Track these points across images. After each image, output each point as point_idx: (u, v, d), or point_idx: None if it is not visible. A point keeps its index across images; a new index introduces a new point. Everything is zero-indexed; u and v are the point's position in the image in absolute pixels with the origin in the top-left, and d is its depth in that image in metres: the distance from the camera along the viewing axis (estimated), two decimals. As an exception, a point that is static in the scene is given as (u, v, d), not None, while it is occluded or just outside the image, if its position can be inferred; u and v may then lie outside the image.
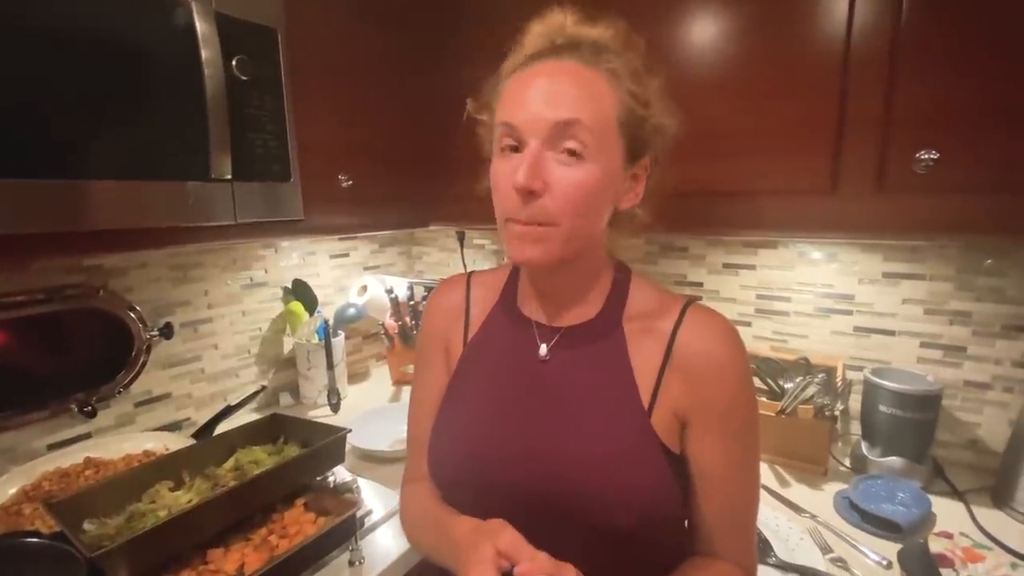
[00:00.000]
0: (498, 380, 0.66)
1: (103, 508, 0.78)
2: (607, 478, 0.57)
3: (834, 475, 1.10)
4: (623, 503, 0.56)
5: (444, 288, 0.76)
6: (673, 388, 0.60)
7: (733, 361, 0.60)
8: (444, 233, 1.84)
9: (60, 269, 1.06)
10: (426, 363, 0.75)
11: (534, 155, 0.54)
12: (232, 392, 1.36)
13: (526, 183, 0.53)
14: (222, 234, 0.93)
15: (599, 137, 0.55)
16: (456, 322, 0.73)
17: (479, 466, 0.62)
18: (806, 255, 1.24)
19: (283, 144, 0.98)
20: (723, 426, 0.60)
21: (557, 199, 0.55)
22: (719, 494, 0.61)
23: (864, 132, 0.84)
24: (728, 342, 0.60)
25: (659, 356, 0.60)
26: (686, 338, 0.60)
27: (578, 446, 0.59)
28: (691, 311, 0.62)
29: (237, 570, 0.73)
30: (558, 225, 0.55)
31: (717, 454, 0.60)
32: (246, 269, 1.39)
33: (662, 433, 0.59)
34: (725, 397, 0.59)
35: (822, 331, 1.24)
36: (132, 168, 0.79)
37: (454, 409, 0.68)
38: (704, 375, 0.59)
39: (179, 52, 0.82)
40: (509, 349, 0.67)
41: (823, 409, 1.08)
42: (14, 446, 1.03)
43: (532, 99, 0.55)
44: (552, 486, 0.58)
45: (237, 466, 0.91)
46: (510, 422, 0.63)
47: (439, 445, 0.67)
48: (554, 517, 0.58)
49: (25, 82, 0.68)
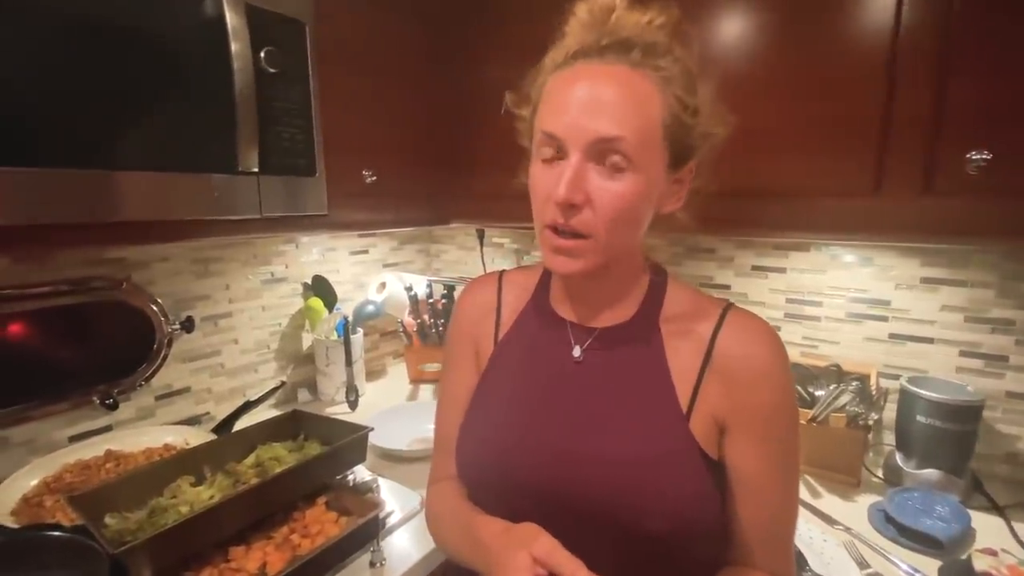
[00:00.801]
0: (529, 380, 0.65)
1: (124, 502, 0.78)
2: (644, 483, 0.55)
3: (866, 487, 1.06)
4: (660, 509, 0.55)
5: (475, 286, 0.75)
6: (712, 393, 0.58)
7: (775, 366, 0.58)
8: (463, 231, 1.82)
9: (84, 261, 1.06)
10: (455, 362, 0.73)
11: (575, 168, 0.52)
12: (251, 387, 1.35)
13: (567, 197, 0.52)
14: (247, 228, 0.92)
15: (643, 148, 0.53)
16: (487, 321, 0.71)
17: (509, 468, 0.61)
18: (839, 258, 1.20)
19: (309, 138, 0.97)
20: (764, 433, 0.58)
21: (598, 212, 0.53)
22: (757, 502, 0.59)
23: (911, 131, 0.81)
24: (770, 346, 0.58)
25: (698, 359, 0.59)
26: (727, 342, 0.58)
27: (613, 449, 0.57)
28: (732, 314, 0.60)
29: (259, 569, 0.72)
30: (597, 238, 0.54)
31: (756, 461, 0.58)
32: (266, 264, 1.38)
33: (700, 438, 0.57)
34: (766, 403, 0.57)
35: (854, 337, 1.20)
36: (159, 160, 0.79)
37: (484, 409, 0.67)
38: (745, 380, 0.57)
39: (209, 44, 0.81)
40: (541, 349, 0.66)
41: (857, 418, 1.04)
42: (36, 437, 1.03)
43: (575, 107, 0.53)
44: (585, 490, 0.57)
45: (258, 462, 0.90)
46: (542, 423, 0.61)
47: (468, 446, 0.66)
48: (586, 522, 0.56)
49: (54, 72, 0.67)
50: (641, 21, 0.55)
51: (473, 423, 0.67)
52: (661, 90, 0.54)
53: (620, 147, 0.52)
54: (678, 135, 0.55)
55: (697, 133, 0.57)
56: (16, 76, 0.64)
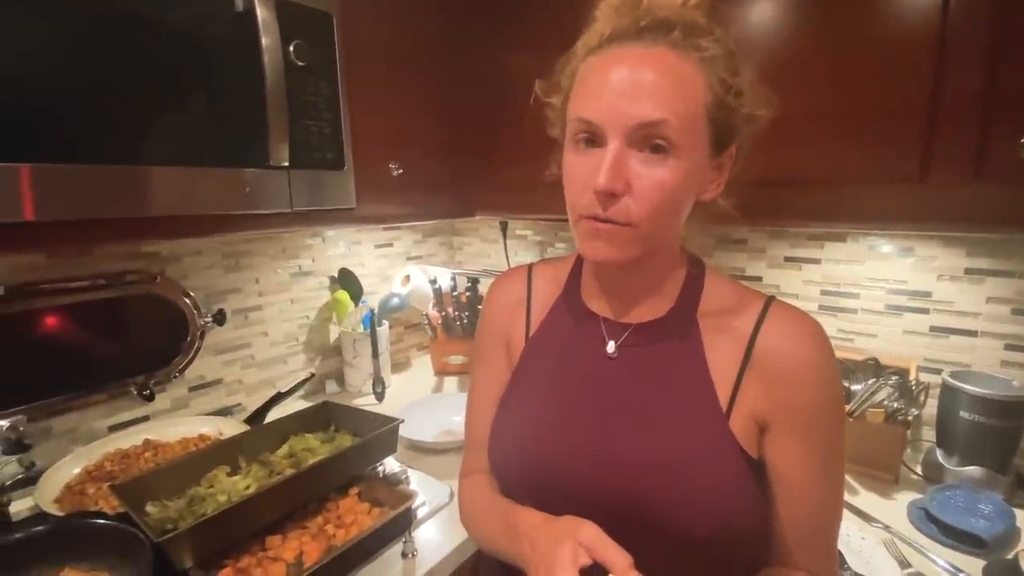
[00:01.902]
0: (562, 377, 0.63)
1: (164, 491, 0.80)
2: (684, 484, 0.54)
3: (905, 484, 1.03)
4: (700, 510, 0.53)
5: (504, 280, 0.74)
6: (753, 390, 0.56)
7: (820, 363, 0.55)
8: (485, 224, 1.82)
9: (120, 256, 1.08)
10: (485, 358, 0.72)
11: (615, 155, 0.50)
12: (281, 379, 1.37)
13: (608, 186, 0.50)
14: (278, 222, 0.93)
15: (686, 132, 0.51)
16: (517, 316, 0.70)
17: (543, 467, 0.60)
18: (877, 248, 1.16)
19: (337, 131, 0.97)
20: (806, 432, 0.55)
21: (640, 200, 0.51)
22: (799, 503, 0.57)
23: (960, 115, 0.77)
24: (815, 343, 0.56)
25: (738, 355, 0.56)
26: (769, 337, 0.56)
27: (651, 449, 0.56)
28: (774, 309, 0.58)
29: (296, 558, 0.73)
30: (638, 226, 0.52)
31: (798, 461, 0.56)
32: (294, 258, 1.40)
33: (741, 437, 0.55)
34: (810, 401, 0.55)
35: (893, 330, 1.16)
36: (192, 155, 0.80)
37: (516, 406, 0.66)
38: (788, 377, 0.55)
39: (239, 38, 0.81)
40: (573, 345, 0.64)
41: (896, 414, 1.01)
42: (77, 427, 1.06)
43: (613, 92, 0.50)
44: (622, 490, 0.55)
45: (291, 453, 0.91)
46: (576, 422, 0.60)
47: (501, 444, 0.65)
48: (623, 523, 0.54)
49: (88, 69, 0.68)
50: (677, 1, 0.53)
51: (506, 421, 0.66)
52: (703, 71, 0.51)
53: (663, 131, 0.49)
54: (721, 117, 0.53)
55: (741, 115, 0.54)
56: (52, 74, 0.65)
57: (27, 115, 0.64)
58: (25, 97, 0.64)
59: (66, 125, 0.67)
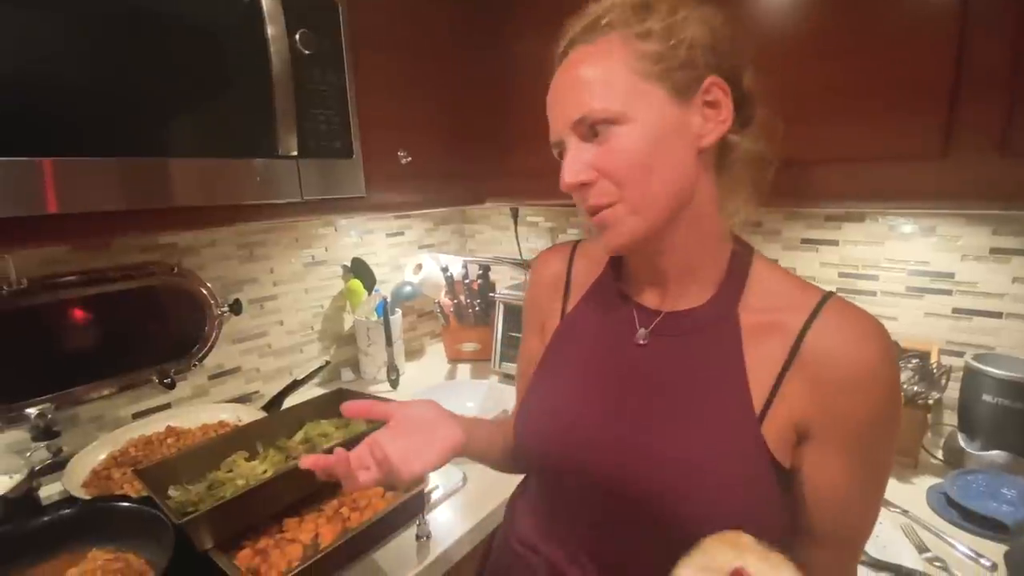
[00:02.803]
0: (591, 361, 0.62)
1: (185, 475, 0.82)
2: (702, 487, 0.51)
3: (924, 468, 1.01)
4: (718, 515, 0.50)
5: (546, 257, 0.73)
6: (795, 394, 0.50)
7: (878, 370, 0.49)
8: (496, 211, 1.81)
9: (139, 248, 1.10)
10: (526, 328, 0.75)
11: (572, 153, 0.54)
12: (297, 367, 1.40)
13: (571, 180, 0.53)
14: (289, 211, 0.94)
15: (620, 100, 0.50)
16: (555, 294, 0.69)
17: (563, 447, 0.59)
18: (897, 229, 1.13)
19: (345, 120, 0.97)
20: (855, 445, 0.50)
21: (611, 176, 0.52)
22: (835, 516, 0.53)
23: (985, 88, 0.74)
24: (876, 346, 0.49)
25: (781, 356, 0.51)
26: (820, 338, 0.50)
27: (672, 445, 0.53)
28: (830, 305, 0.51)
29: (312, 540, 0.75)
30: (625, 200, 0.52)
31: (842, 476, 0.51)
32: (307, 248, 1.41)
33: (773, 444, 0.50)
34: (863, 412, 0.49)
35: (914, 312, 1.13)
36: (203, 146, 0.80)
37: (544, 385, 0.65)
38: (839, 384, 0.49)
39: (245, 28, 0.81)
40: (605, 329, 0.62)
41: (916, 398, 0.99)
42: (103, 414, 1.09)
43: (552, 106, 0.56)
44: (638, 482, 0.53)
45: (307, 438, 0.93)
46: (599, 408, 0.58)
47: (526, 419, 0.65)
48: (636, 516, 0.54)
49: (102, 64, 0.69)
50: None
51: (533, 398, 0.65)
52: (616, 40, 0.52)
53: (594, 119, 0.51)
54: (660, 66, 0.50)
55: (682, 51, 0.50)
56: (67, 70, 0.66)
57: (47, 110, 0.65)
58: (44, 93, 0.65)
59: (83, 119, 0.68)
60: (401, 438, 0.59)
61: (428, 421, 0.62)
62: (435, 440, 0.60)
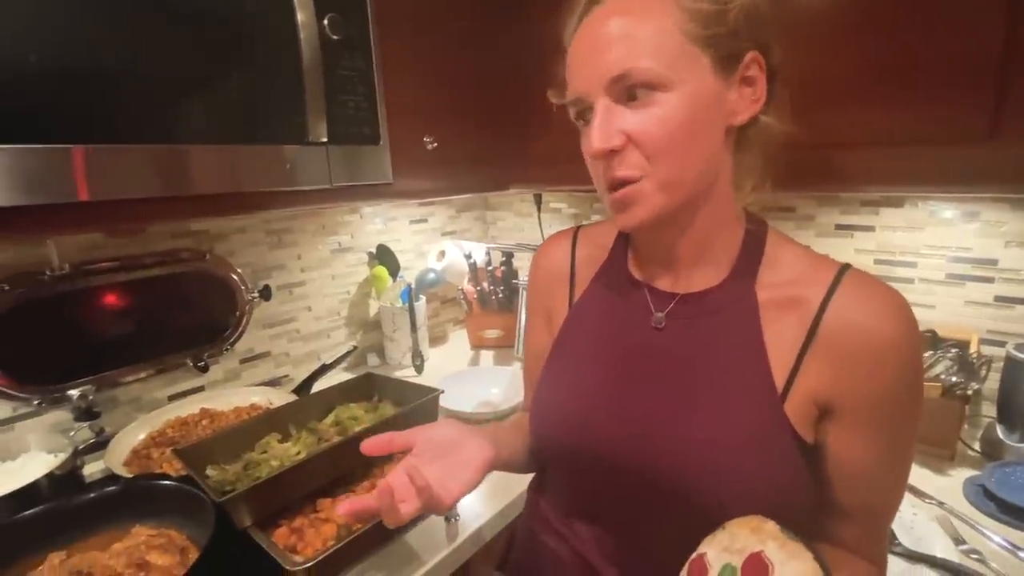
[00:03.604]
0: (605, 348, 0.61)
1: (221, 456, 0.84)
2: (729, 468, 0.51)
3: (961, 460, 0.99)
4: (745, 496, 0.50)
5: (548, 246, 0.72)
6: (816, 371, 0.50)
7: (901, 342, 0.48)
8: (519, 198, 1.80)
9: (172, 234, 1.13)
10: (531, 320, 0.73)
11: (602, 114, 0.50)
12: (324, 352, 1.42)
13: (601, 145, 0.49)
14: (318, 198, 0.94)
15: (667, 65, 0.47)
16: (560, 283, 0.68)
17: (583, 435, 0.59)
18: (938, 214, 1.09)
19: (372, 105, 0.97)
20: (878, 420, 0.50)
21: (644, 146, 0.49)
22: (861, 491, 0.53)
23: (1040, 64, 0.70)
24: (898, 319, 0.48)
25: (801, 332, 0.51)
26: (841, 312, 0.49)
27: (697, 429, 0.53)
28: (849, 278, 0.51)
29: (345, 520, 0.76)
30: (652, 174, 0.49)
31: (866, 450, 0.51)
32: (334, 234, 1.43)
33: (796, 422, 0.50)
34: (886, 386, 0.49)
35: (954, 301, 1.10)
36: (234, 133, 0.81)
37: (557, 375, 0.64)
38: (862, 358, 0.48)
39: (275, 14, 0.81)
40: (617, 315, 0.61)
41: (954, 388, 0.96)
42: (140, 396, 1.13)
43: (584, 59, 0.51)
44: (663, 470, 0.53)
45: (337, 421, 0.95)
46: (618, 393, 0.58)
47: (541, 412, 0.64)
48: (662, 502, 0.53)
49: (134, 51, 0.69)
50: None
51: (547, 390, 0.65)
52: None
53: (638, 78, 0.47)
54: (710, 31, 0.48)
55: (733, 17, 0.48)
56: (98, 58, 0.67)
57: (78, 99, 0.66)
58: (76, 81, 0.65)
59: (115, 107, 0.69)
60: (432, 463, 0.55)
61: (453, 441, 0.58)
62: (467, 459, 0.56)
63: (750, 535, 0.47)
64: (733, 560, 0.46)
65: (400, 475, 0.52)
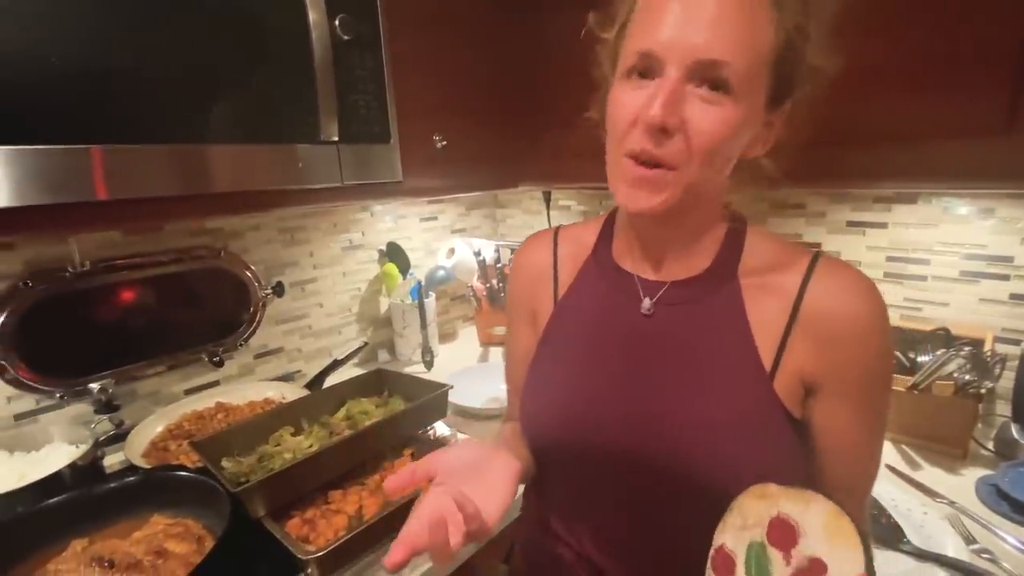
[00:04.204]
0: (595, 338, 0.62)
1: (236, 448, 0.86)
2: (725, 446, 0.53)
3: (973, 460, 0.98)
4: (743, 471, 0.51)
5: (528, 246, 0.72)
6: (800, 351, 0.53)
7: (874, 321, 0.52)
8: (528, 196, 1.81)
9: (187, 232, 1.15)
10: (514, 324, 0.73)
11: (673, 86, 0.46)
12: (336, 347, 1.44)
13: (663, 118, 0.46)
14: (330, 196, 0.96)
15: (749, 75, 0.47)
16: (542, 282, 0.68)
17: (578, 428, 0.59)
18: (952, 210, 1.08)
19: (382, 104, 0.98)
20: (857, 395, 0.53)
21: (692, 140, 0.48)
22: (842, 463, 0.56)
23: (1057, 57, 0.69)
24: (868, 300, 0.52)
25: (784, 314, 0.54)
26: (818, 295, 0.53)
27: (691, 410, 0.54)
28: (823, 264, 0.54)
29: (356, 511, 0.78)
30: (684, 170, 0.49)
31: (847, 424, 0.54)
32: (345, 232, 1.45)
33: (785, 398, 0.53)
34: (864, 362, 0.52)
35: (968, 298, 1.09)
36: (248, 132, 0.82)
37: (547, 370, 0.65)
38: (840, 337, 0.52)
39: (288, 15, 0.83)
40: (606, 305, 0.62)
41: (967, 387, 0.95)
42: (158, 390, 1.15)
43: (677, 20, 0.46)
44: (659, 452, 0.54)
45: (348, 415, 0.97)
46: (611, 382, 0.59)
47: (533, 408, 0.65)
48: (660, 484, 0.54)
49: (150, 53, 0.71)
50: None
51: (537, 386, 0.65)
52: (778, 8, 0.47)
53: (725, 72, 0.46)
54: (786, 64, 0.49)
55: (806, 66, 0.50)
56: (115, 59, 0.69)
57: (97, 100, 0.68)
58: (95, 83, 0.67)
59: (131, 107, 0.71)
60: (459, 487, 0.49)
61: (476, 462, 0.54)
62: (496, 478, 0.53)
63: (759, 503, 0.47)
64: (754, 535, 0.46)
65: (447, 505, 0.46)
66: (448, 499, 0.46)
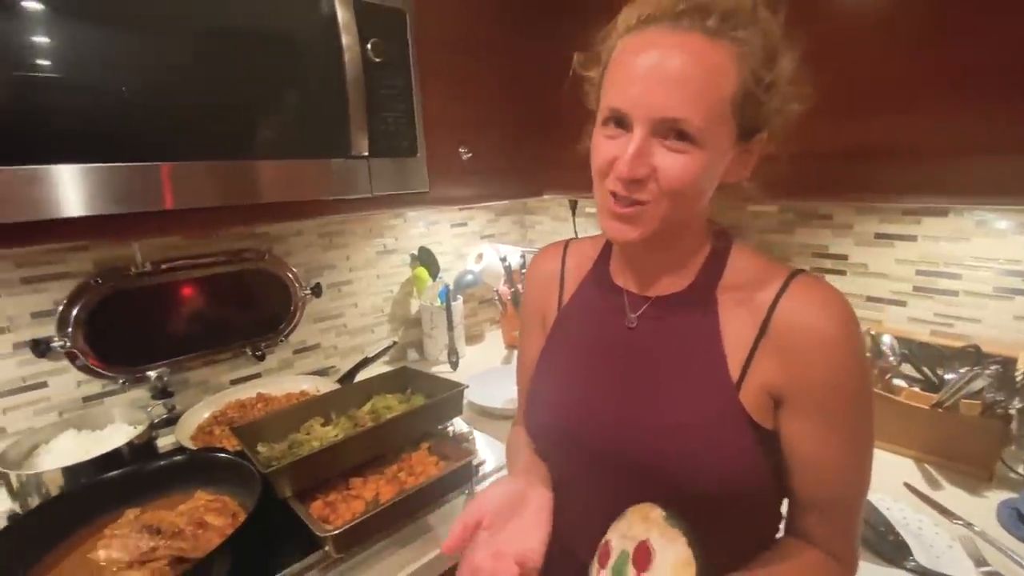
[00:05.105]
0: (588, 347, 0.67)
1: (271, 434, 0.95)
2: (691, 446, 0.56)
3: (1001, 482, 0.94)
4: (707, 470, 0.55)
5: (541, 256, 0.79)
6: (766, 364, 0.55)
7: (839, 338, 0.53)
8: (556, 202, 1.84)
9: (237, 236, 1.26)
10: (527, 328, 0.79)
11: (639, 145, 0.52)
12: (368, 345, 1.53)
13: (631, 174, 0.52)
14: (361, 206, 1.03)
15: (710, 126, 0.51)
16: (551, 290, 0.75)
17: (569, 430, 0.65)
18: (987, 224, 1.04)
19: (411, 121, 1.05)
20: (821, 409, 0.54)
21: (662, 183, 0.53)
22: (813, 478, 0.57)
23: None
24: (835, 316, 0.54)
25: (754, 328, 0.56)
26: (785, 311, 0.55)
27: (664, 414, 0.58)
28: (797, 281, 0.56)
29: (374, 497, 0.84)
30: (655, 204, 0.54)
31: (815, 440, 0.55)
32: (380, 237, 1.53)
33: (751, 407, 0.55)
34: (826, 378, 0.54)
35: (1002, 315, 1.04)
36: (288, 149, 0.91)
37: (546, 374, 0.71)
38: (803, 352, 0.54)
39: (322, 40, 0.90)
40: (599, 317, 0.67)
41: (995, 406, 0.92)
42: (207, 379, 1.27)
43: (641, 81, 0.51)
44: (640, 452, 0.58)
45: (373, 409, 1.04)
46: (600, 388, 0.64)
47: (533, 408, 0.71)
48: (638, 482, 0.58)
49: (205, 80, 0.80)
50: None
51: (538, 387, 0.71)
52: (736, 63, 0.51)
53: (685, 127, 0.50)
54: (749, 110, 0.52)
55: (769, 109, 0.54)
56: (176, 86, 0.78)
57: (162, 123, 0.77)
58: (158, 109, 0.77)
59: (192, 130, 0.80)
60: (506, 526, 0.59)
61: (514, 498, 0.61)
62: (534, 511, 0.60)
63: (640, 523, 0.52)
64: (627, 547, 0.52)
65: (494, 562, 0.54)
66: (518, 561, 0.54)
